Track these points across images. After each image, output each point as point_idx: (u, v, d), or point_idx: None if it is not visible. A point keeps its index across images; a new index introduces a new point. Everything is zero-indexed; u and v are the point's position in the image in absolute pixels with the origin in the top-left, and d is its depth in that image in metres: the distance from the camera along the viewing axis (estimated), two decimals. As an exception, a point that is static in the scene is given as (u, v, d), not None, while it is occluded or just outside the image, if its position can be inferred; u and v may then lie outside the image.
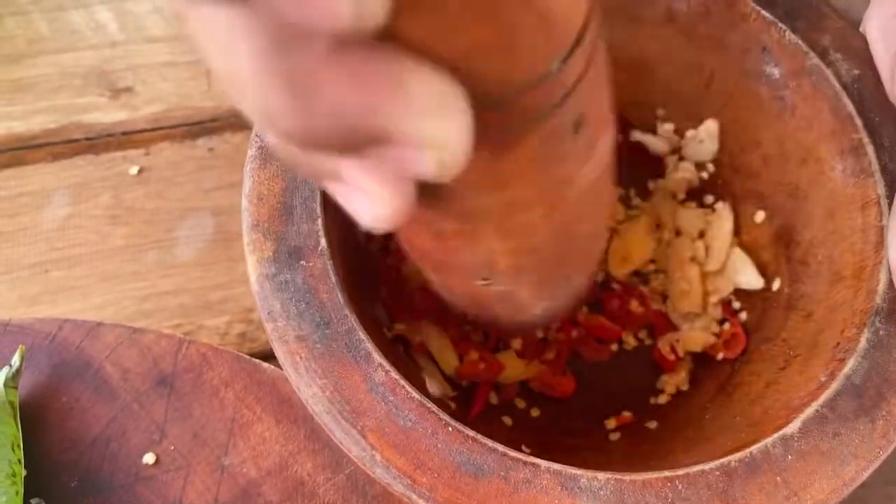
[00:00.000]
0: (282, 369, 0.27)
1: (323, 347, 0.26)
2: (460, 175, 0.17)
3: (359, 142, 0.16)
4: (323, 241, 0.28)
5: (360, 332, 0.26)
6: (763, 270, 0.35)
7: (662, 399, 0.36)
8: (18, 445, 0.33)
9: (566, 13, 0.17)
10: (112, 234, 0.45)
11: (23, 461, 0.33)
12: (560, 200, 0.24)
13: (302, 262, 0.28)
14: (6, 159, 0.46)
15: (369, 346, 0.26)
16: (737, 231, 0.37)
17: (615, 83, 0.38)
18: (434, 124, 0.16)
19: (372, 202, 0.18)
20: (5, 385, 0.34)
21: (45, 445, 0.34)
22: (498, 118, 0.18)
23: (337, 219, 0.29)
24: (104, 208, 0.45)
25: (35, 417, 0.35)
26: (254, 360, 0.36)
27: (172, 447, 0.34)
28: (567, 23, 0.18)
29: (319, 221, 0.28)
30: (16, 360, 0.35)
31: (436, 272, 0.29)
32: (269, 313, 0.27)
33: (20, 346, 0.35)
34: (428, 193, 0.19)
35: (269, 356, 0.30)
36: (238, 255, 0.31)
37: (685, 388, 0.36)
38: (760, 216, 0.36)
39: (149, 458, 0.34)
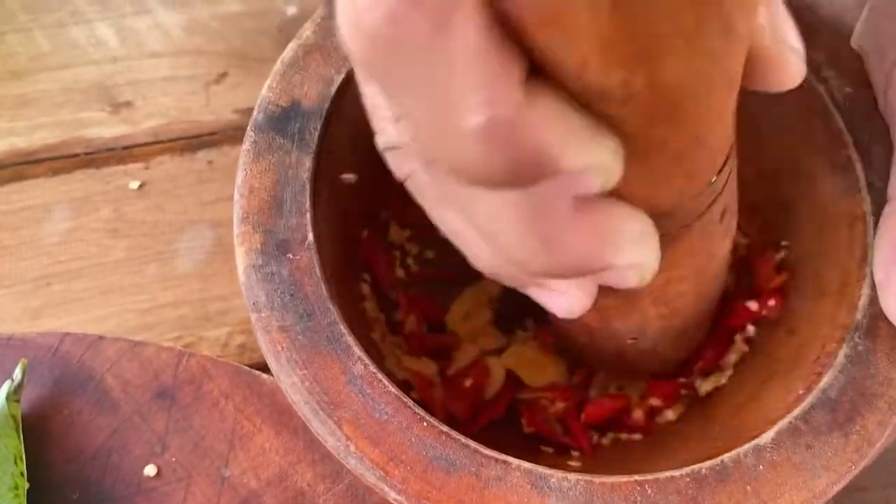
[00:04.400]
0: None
1: (305, 339, 0.27)
2: None
3: (581, 273, 0.21)
4: (310, 236, 0.28)
5: (342, 326, 0.27)
6: (753, 284, 0.36)
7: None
8: (21, 458, 0.34)
9: (721, 144, 0.21)
10: (113, 247, 0.45)
11: (25, 474, 0.34)
12: (703, 273, 0.27)
13: (289, 255, 0.28)
14: (8, 174, 0.46)
15: (350, 339, 0.27)
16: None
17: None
18: (638, 253, 0.21)
19: (569, 301, 0.24)
20: (8, 398, 0.34)
21: (48, 458, 0.35)
22: (669, 223, 0.22)
23: (327, 214, 0.30)
24: (105, 222, 0.46)
25: (37, 430, 0.35)
26: (253, 371, 0.37)
27: (173, 459, 0.35)
28: (722, 149, 0.22)
29: (308, 216, 0.29)
30: (18, 373, 0.35)
31: (588, 335, 0.31)
32: (254, 304, 0.27)
33: (22, 360, 0.35)
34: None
35: (269, 368, 0.31)
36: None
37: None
38: (751, 230, 0.36)
39: (150, 470, 0.35)
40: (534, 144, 0.16)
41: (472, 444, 0.25)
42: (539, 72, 0.16)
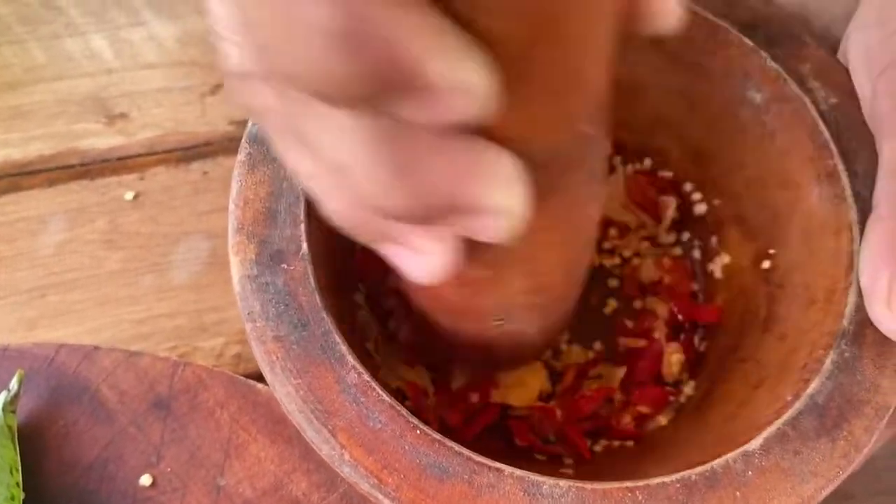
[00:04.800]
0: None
1: (299, 348, 0.27)
2: None
3: (442, 213, 0.19)
4: (304, 246, 0.29)
5: (336, 335, 0.27)
6: (744, 292, 0.36)
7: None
8: (17, 469, 0.34)
9: (601, 84, 0.20)
10: (108, 258, 0.45)
11: (21, 484, 0.34)
12: (571, 242, 0.26)
13: (283, 266, 0.28)
14: (4, 185, 0.47)
15: (344, 348, 0.27)
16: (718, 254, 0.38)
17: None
18: (508, 196, 0.19)
19: (426, 260, 0.21)
20: (4, 409, 0.34)
21: (44, 468, 0.35)
22: (540, 176, 0.20)
23: (321, 225, 0.30)
24: (100, 233, 0.46)
25: (33, 441, 0.35)
26: (248, 381, 0.37)
27: (169, 469, 0.35)
28: (601, 91, 0.21)
29: (302, 227, 0.29)
30: (14, 384, 0.35)
31: (451, 319, 0.30)
32: (248, 313, 0.28)
33: (18, 371, 0.35)
34: (469, 248, 0.22)
35: (264, 377, 0.31)
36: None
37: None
38: (741, 239, 0.37)
39: (145, 480, 0.35)
40: (397, 51, 0.14)
41: (465, 451, 0.25)
42: None
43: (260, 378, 0.37)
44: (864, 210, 0.30)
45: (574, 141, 0.21)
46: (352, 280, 0.37)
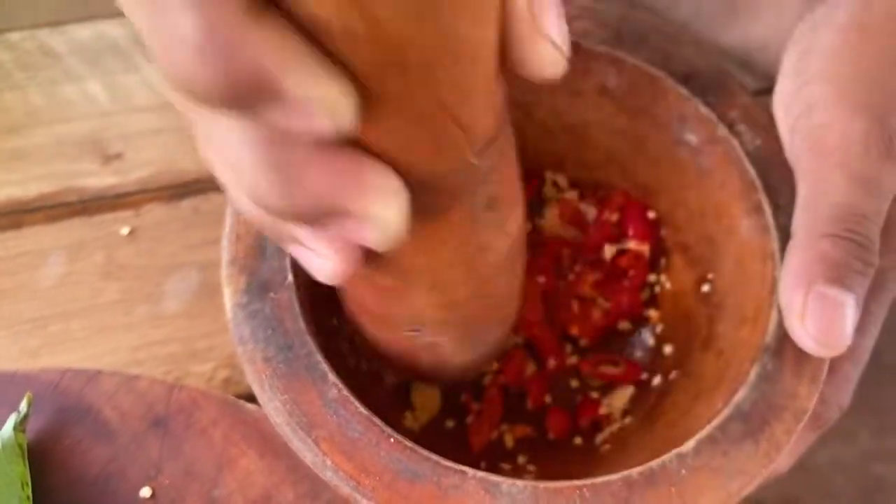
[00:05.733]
0: (262, 407, 0.31)
1: (285, 368, 0.31)
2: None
3: (322, 216, 0.21)
4: (290, 277, 0.32)
5: (318, 356, 0.31)
6: (687, 314, 0.40)
7: (599, 438, 0.41)
8: (27, 483, 0.37)
9: (478, 124, 0.22)
10: (105, 289, 0.48)
11: (31, 497, 0.37)
12: (477, 264, 0.29)
13: (271, 294, 0.32)
14: (6, 222, 0.50)
15: (325, 367, 0.31)
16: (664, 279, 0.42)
17: (561, 144, 0.44)
18: (382, 208, 0.21)
19: (323, 261, 0.23)
20: (15, 429, 0.37)
21: (51, 484, 0.38)
22: (429, 198, 0.23)
23: None
24: (98, 266, 0.49)
25: (41, 458, 0.38)
26: (239, 401, 0.40)
27: (167, 482, 0.38)
28: (482, 131, 0.23)
29: (288, 259, 0.32)
30: (23, 406, 0.38)
31: (372, 324, 0.33)
32: (240, 338, 0.31)
33: (27, 394, 0.38)
34: (373, 255, 0.24)
35: (252, 398, 0.34)
36: (222, 306, 0.35)
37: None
38: (685, 266, 0.40)
39: (145, 493, 0.38)
40: (254, 65, 0.16)
41: (434, 456, 0.29)
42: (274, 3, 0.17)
43: (249, 398, 0.40)
44: (786, 239, 0.34)
45: (461, 170, 0.23)
46: (333, 305, 0.40)
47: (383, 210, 0.21)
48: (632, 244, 0.42)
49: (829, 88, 0.34)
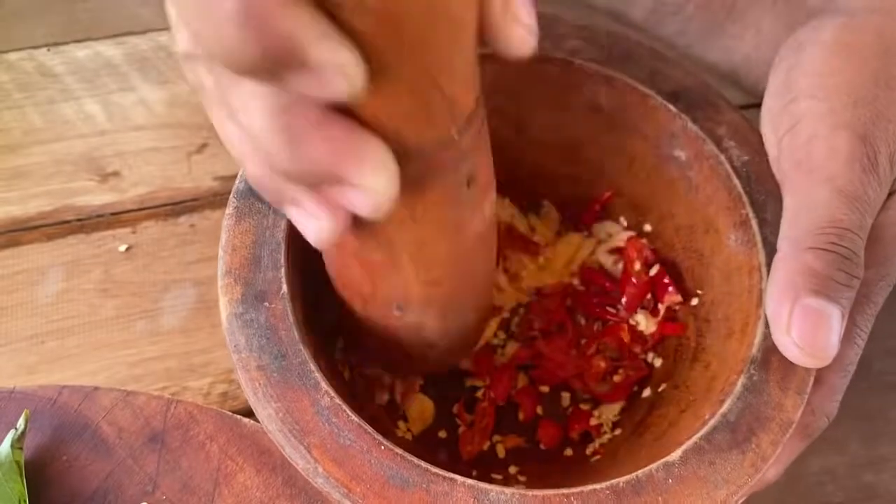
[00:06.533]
0: (259, 422, 0.31)
1: (279, 376, 0.31)
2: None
3: (321, 180, 0.24)
4: (284, 287, 0.33)
5: (311, 364, 0.31)
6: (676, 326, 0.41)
7: (590, 449, 0.41)
8: (24, 500, 0.37)
9: (460, 98, 0.25)
10: (103, 306, 0.49)
11: (29, 514, 0.37)
12: (457, 240, 0.31)
13: (265, 304, 0.32)
14: (4, 240, 0.50)
15: (318, 376, 0.31)
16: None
17: (553, 160, 0.44)
18: (375, 177, 0.23)
19: (318, 223, 0.25)
20: (12, 446, 0.38)
21: (49, 501, 0.38)
22: (415, 170, 0.25)
23: (300, 268, 0.34)
24: (95, 283, 0.49)
25: (39, 475, 0.39)
26: (235, 416, 0.40)
27: (164, 497, 0.38)
28: (464, 106, 0.26)
29: (283, 270, 0.33)
30: (21, 423, 0.39)
31: (363, 307, 0.34)
32: (235, 346, 0.32)
33: (25, 411, 0.39)
34: (361, 225, 0.26)
35: (248, 412, 0.35)
36: (218, 322, 0.35)
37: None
38: (674, 280, 0.41)
39: (143, 508, 0.38)
40: (287, 34, 0.19)
41: (423, 464, 0.29)
42: None
43: (246, 413, 0.41)
44: (773, 252, 0.34)
45: (443, 142, 0.26)
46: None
47: (374, 179, 0.23)
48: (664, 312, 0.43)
49: (816, 105, 0.34)
